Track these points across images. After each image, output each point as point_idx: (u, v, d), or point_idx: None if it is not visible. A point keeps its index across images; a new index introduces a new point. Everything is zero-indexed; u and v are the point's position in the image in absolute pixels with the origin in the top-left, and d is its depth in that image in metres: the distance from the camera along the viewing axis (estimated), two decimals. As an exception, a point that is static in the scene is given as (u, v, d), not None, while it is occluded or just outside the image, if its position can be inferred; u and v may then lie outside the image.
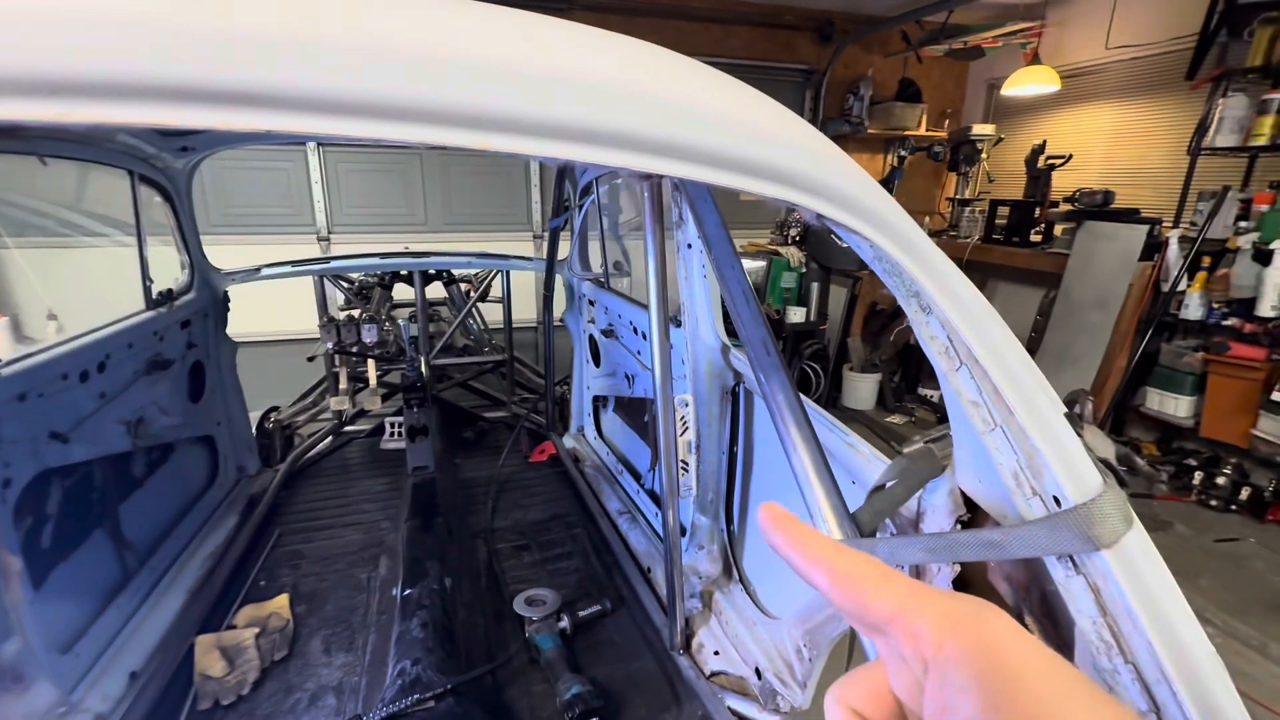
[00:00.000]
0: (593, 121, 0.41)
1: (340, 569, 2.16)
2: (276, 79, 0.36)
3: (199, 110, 0.35)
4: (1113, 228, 4.01)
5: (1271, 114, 3.40)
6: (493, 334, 3.82)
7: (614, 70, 0.43)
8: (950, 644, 0.25)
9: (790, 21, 5.17)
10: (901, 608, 0.26)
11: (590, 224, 2.75)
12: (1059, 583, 0.50)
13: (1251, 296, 3.36)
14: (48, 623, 1.44)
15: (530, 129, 0.39)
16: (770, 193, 0.50)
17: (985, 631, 0.25)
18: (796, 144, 0.53)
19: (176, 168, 2.09)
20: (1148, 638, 0.45)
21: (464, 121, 0.38)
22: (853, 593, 0.27)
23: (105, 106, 0.34)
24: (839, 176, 0.55)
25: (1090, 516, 0.45)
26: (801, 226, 4.86)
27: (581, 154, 0.40)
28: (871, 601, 0.27)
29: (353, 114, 0.35)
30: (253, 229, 4.34)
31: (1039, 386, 0.50)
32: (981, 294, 0.62)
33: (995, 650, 0.24)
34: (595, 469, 2.82)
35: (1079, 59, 4.80)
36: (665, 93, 0.43)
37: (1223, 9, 3.71)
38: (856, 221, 0.54)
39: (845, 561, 0.28)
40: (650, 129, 0.42)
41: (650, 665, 1.76)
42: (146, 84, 0.34)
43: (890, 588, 0.27)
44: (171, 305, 2.07)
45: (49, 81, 0.33)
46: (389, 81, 0.35)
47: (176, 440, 2.17)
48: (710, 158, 0.47)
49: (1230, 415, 3.55)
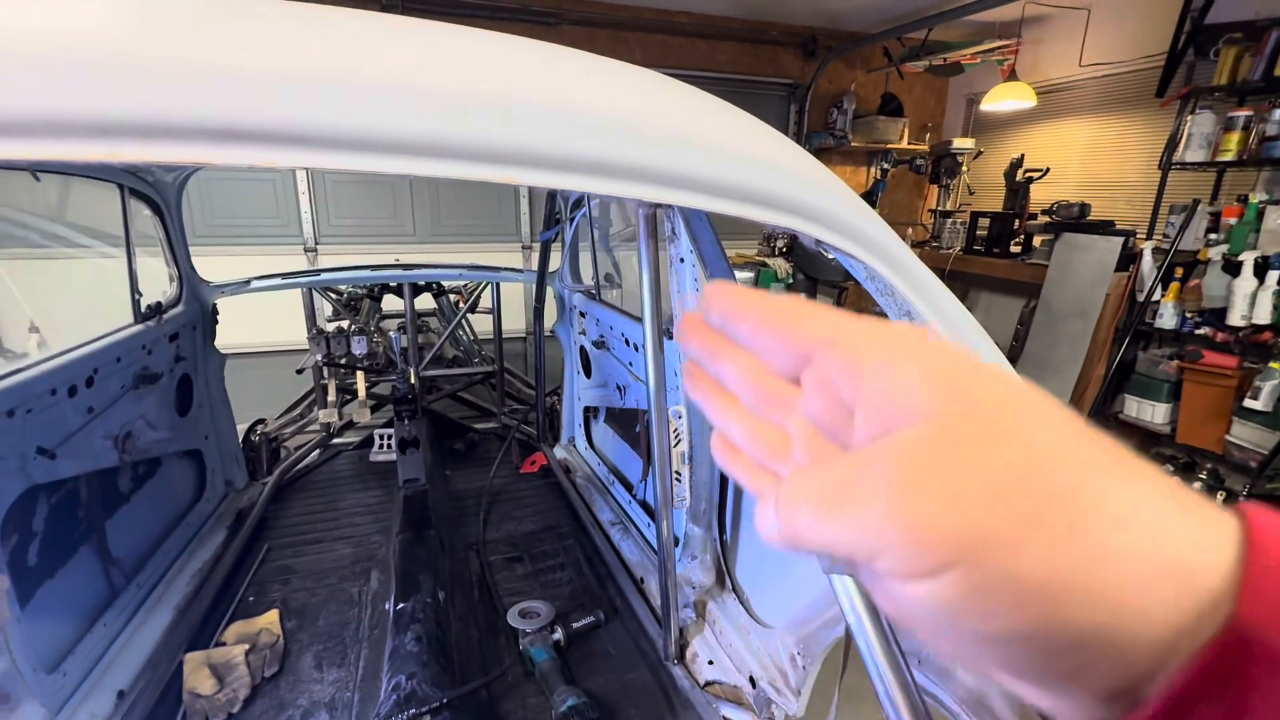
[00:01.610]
0: (610, 156, 0.43)
1: (331, 583, 2.14)
2: (314, 119, 0.38)
3: (242, 149, 0.37)
4: (1089, 239, 4.12)
5: (1237, 130, 3.53)
6: (482, 345, 3.81)
7: (631, 106, 0.45)
8: (898, 349, 0.23)
9: (774, 37, 5.27)
10: (837, 328, 0.25)
11: (581, 236, 2.78)
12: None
13: (1222, 306, 3.47)
14: (34, 641, 1.42)
15: (553, 164, 0.41)
16: (775, 220, 0.52)
17: (940, 349, 0.23)
18: (800, 175, 0.55)
19: (166, 181, 2.08)
20: None
21: (492, 158, 0.40)
22: (783, 319, 0.26)
23: (149, 146, 0.35)
24: (838, 205, 0.57)
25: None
26: (788, 238, 4.93)
27: (601, 186, 0.42)
28: (801, 326, 0.26)
29: (390, 151, 0.37)
30: (239, 240, 4.31)
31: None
32: (967, 310, 0.65)
33: (958, 369, 0.23)
34: (587, 480, 2.83)
35: (1054, 75, 4.94)
36: (681, 129, 0.45)
37: (1190, 29, 3.85)
38: (854, 247, 0.57)
39: (780, 299, 0.27)
40: (665, 164, 0.44)
41: (645, 676, 1.76)
42: (189, 126, 0.36)
43: (825, 315, 0.26)
44: (160, 319, 2.05)
45: (99, 124, 0.34)
46: (429, 122, 0.37)
47: (164, 455, 2.15)
48: (721, 189, 0.49)
49: (1205, 421, 3.64)
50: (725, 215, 0.51)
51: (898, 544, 0.20)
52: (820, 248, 0.58)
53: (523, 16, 4.53)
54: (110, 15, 0.37)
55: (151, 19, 0.38)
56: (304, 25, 0.40)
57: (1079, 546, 0.20)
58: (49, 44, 0.35)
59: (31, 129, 0.33)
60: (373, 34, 0.40)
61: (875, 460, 0.22)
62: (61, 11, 0.36)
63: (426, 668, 1.55)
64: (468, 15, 4.35)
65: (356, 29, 0.40)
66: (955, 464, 0.21)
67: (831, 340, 0.25)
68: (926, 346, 0.23)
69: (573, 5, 4.66)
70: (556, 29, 4.66)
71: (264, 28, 0.40)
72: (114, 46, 0.36)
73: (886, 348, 0.24)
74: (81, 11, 0.37)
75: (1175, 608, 0.20)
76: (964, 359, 0.23)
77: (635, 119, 0.47)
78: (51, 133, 0.34)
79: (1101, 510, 0.20)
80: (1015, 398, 0.23)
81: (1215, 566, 0.20)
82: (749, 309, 0.28)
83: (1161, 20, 4.07)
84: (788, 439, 0.28)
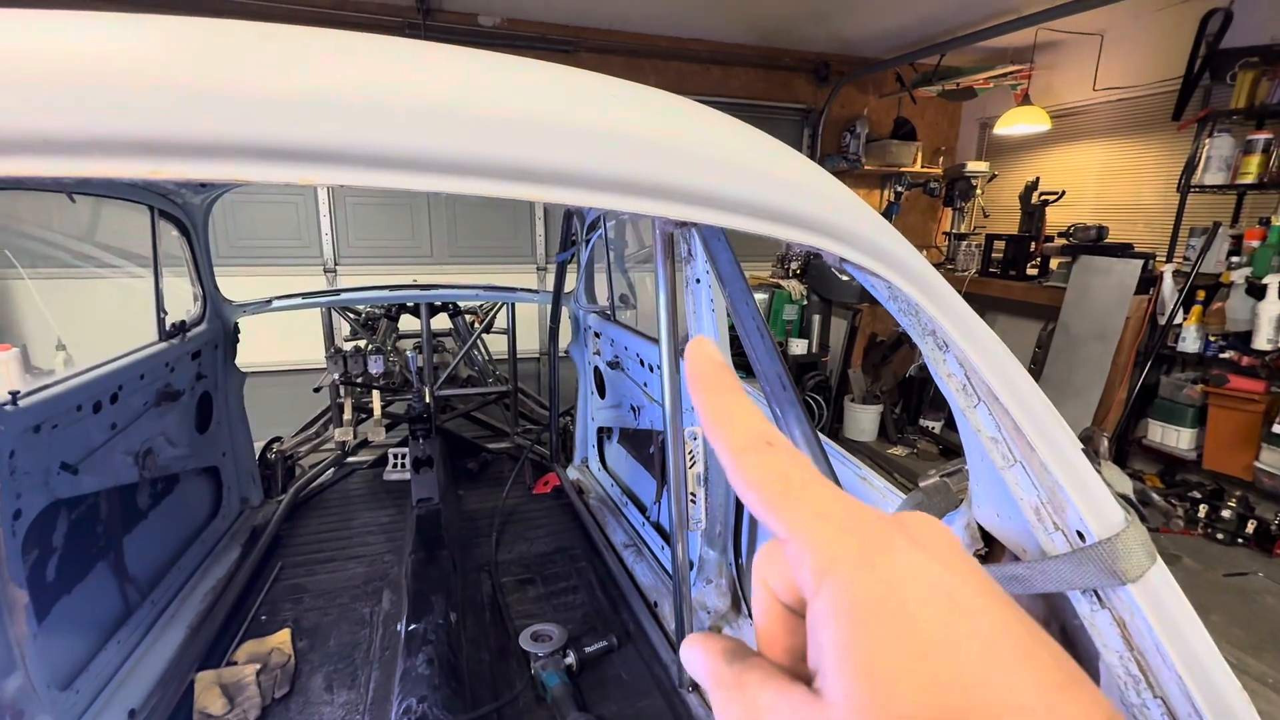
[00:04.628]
0: (641, 175, 0.44)
1: (343, 603, 2.13)
2: (352, 138, 0.39)
3: (275, 167, 0.38)
4: (1107, 262, 4.08)
5: (1257, 153, 3.50)
6: (497, 365, 3.83)
7: (659, 126, 0.46)
8: (826, 588, 0.21)
9: (787, 64, 5.35)
10: (792, 533, 0.23)
11: (597, 258, 2.80)
12: (1084, 617, 0.51)
13: (1247, 330, 3.40)
14: (49, 658, 1.42)
15: (579, 182, 0.41)
16: (799, 238, 0.53)
17: (870, 577, 0.21)
18: (823, 194, 0.56)
19: (194, 203, 2.14)
20: (1176, 672, 0.46)
21: (522, 176, 0.41)
22: (760, 500, 0.24)
23: (192, 164, 0.36)
24: (861, 224, 0.57)
25: (1115, 552, 0.46)
26: (802, 260, 4.94)
27: (631, 205, 0.43)
28: (767, 516, 0.24)
29: (423, 169, 0.38)
30: (261, 260, 4.39)
31: (1056, 423, 0.52)
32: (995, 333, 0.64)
33: (877, 600, 0.20)
34: (600, 501, 2.81)
35: (1068, 100, 4.95)
36: (708, 149, 0.46)
37: (1205, 54, 3.85)
38: (877, 265, 0.57)
39: (756, 462, 0.24)
40: (693, 182, 0.44)
41: (659, 703, 1.72)
42: (230, 145, 0.37)
43: (789, 503, 0.23)
44: (184, 336, 2.09)
45: (146, 143, 0.35)
46: (457, 139, 0.38)
47: (182, 471, 2.17)
48: (747, 208, 0.50)
49: (1232, 448, 3.55)
50: (749, 234, 0.52)
51: None
52: (844, 265, 0.58)
53: (540, 44, 4.64)
54: (159, 42, 0.38)
55: (197, 45, 0.39)
56: (341, 50, 0.42)
57: None
58: (99, 69, 0.36)
59: (85, 148, 0.35)
60: (411, 57, 0.41)
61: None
62: (111, 38, 0.37)
63: (438, 690, 1.53)
64: (487, 42, 4.47)
65: (395, 52, 0.41)
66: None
67: (789, 543, 0.23)
68: (865, 594, 0.21)
69: (590, 33, 4.77)
70: (575, 56, 4.77)
71: (299, 50, 0.41)
72: (162, 71, 0.37)
73: (829, 591, 0.21)
74: (131, 38, 0.39)
75: None
76: (931, 611, 0.21)
77: (665, 138, 0.47)
78: (102, 151, 0.35)
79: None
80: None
81: None
82: (726, 453, 0.25)
83: (1175, 45, 4.07)
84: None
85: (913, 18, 4.48)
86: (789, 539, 0.23)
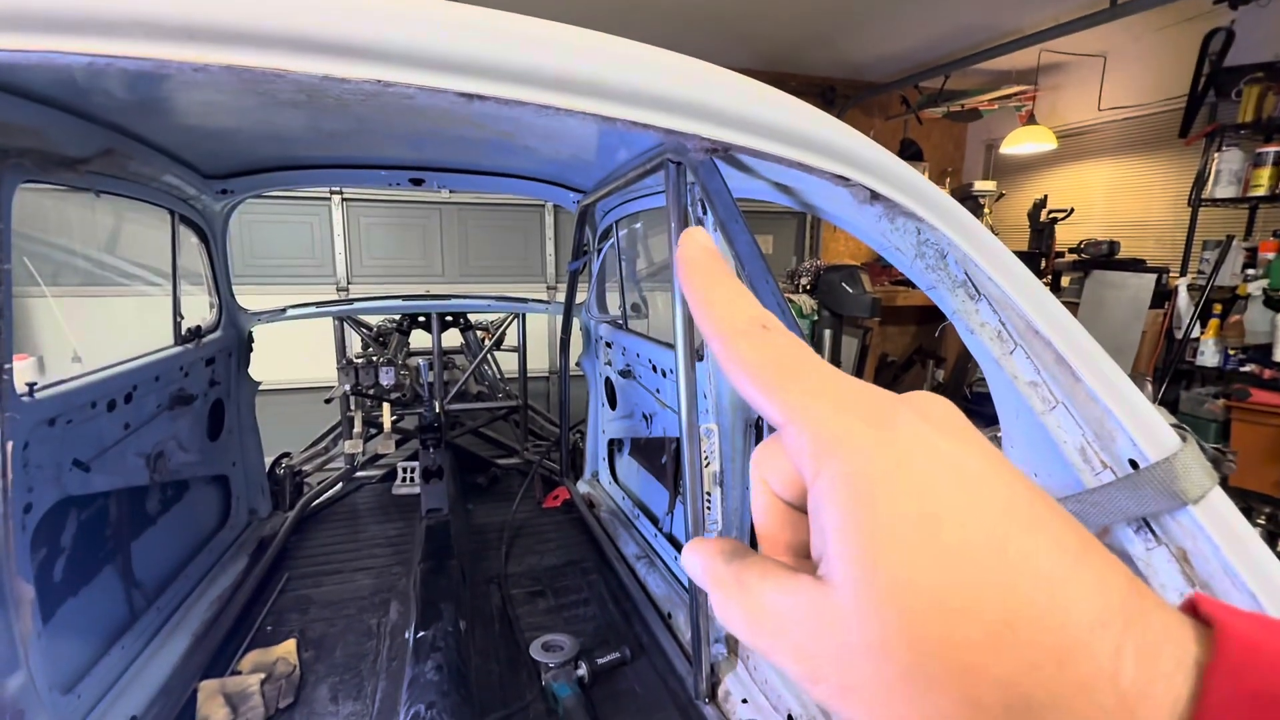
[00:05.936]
0: (689, 96, 0.44)
1: (350, 614, 2.09)
2: (401, 38, 0.38)
3: (309, 59, 0.38)
4: (1121, 277, 4.06)
5: (1268, 166, 3.50)
6: (507, 381, 3.83)
7: (698, 65, 0.47)
8: (828, 468, 0.20)
9: (793, 87, 5.43)
10: (789, 415, 0.21)
11: (609, 270, 2.81)
12: (1138, 559, 0.48)
13: (1267, 342, 3.36)
14: (52, 660, 1.39)
15: (639, 100, 0.42)
16: (831, 167, 0.52)
17: (874, 452, 0.20)
18: (852, 133, 0.56)
19: (215, 210, 2.17)
20: (1250, 591, 0.42)
21: (562, 85, 0.41)
22: (754, 383, 0.22)
23: (234, 52, 0.36)
24: (888, 159, 0.57)
25: (1174, 472, 0.43)
26: (812, 275, 4.94)
27: (675, 123, 0.43)
28: (761, 400, 0.22)
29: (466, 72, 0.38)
30: (276, 279, 4.45)
31: (1100, 353, 0.50)
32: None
33: (881, 474, 0.19)
34: (611, 514, 2.76)
35: (1073, 120, 4.99)
36: (738, 80, 0.47)
37: (1209, 72, 3.88)
38: (908, 200, 0.56)
39: (750, 345, 0.23)
40: (732, 104, 0.45)
41: (674, 716, 1.66)
42: (269, 34, 0.36)
43: (785, 385, 0.22)
44: (199, 342, 2.10)
45: (185, 26, 0.35)
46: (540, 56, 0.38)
47: (192, 478, 2.16)
48: (778, 133, 0.50)
49: (1259, 463, 3.46)
50: (784, 160, 0.51)
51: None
52: (875, 203, 0.57)
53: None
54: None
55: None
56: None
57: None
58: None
59: (124, 28, 0.34)
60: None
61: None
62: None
63: (446, 697, 1.48)
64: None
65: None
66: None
67: (785, 428, 0.22)
68: (873, 468, 0.20)
69: (599, 60, 4.89)
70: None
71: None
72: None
73: (830, 471, 0.20)
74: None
75: None
76: (941, 485, 0.20)
77: (709, 70, 0.49)
78: (142, 32, 0.35)
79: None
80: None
81: (1164, 702, 0.17)
82: (718, 339, 0.24)
83: (1179, 64, 4.12)
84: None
85: (916, 41, 4.57)
86: (786, 423, 0.21)
